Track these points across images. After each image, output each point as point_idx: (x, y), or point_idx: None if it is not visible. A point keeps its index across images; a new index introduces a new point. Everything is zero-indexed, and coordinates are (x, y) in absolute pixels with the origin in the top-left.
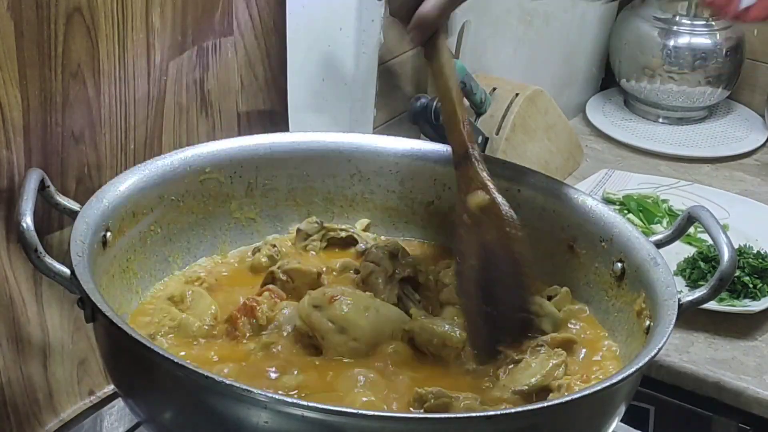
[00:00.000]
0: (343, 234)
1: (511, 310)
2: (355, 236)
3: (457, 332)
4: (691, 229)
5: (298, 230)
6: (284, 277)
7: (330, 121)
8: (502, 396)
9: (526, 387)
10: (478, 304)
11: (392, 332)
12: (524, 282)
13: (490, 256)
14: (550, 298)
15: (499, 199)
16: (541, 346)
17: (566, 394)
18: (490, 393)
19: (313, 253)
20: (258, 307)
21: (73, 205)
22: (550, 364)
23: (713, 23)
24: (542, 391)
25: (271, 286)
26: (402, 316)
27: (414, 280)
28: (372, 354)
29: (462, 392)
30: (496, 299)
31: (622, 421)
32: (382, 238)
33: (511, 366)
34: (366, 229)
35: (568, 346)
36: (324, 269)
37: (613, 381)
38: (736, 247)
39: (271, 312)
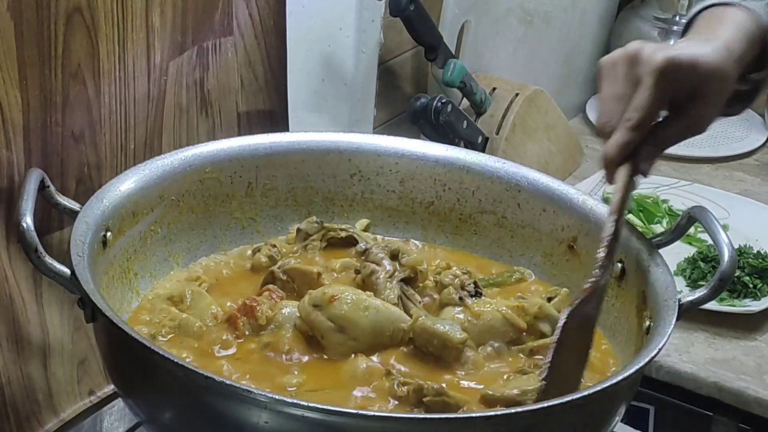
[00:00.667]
0: (343, 234)
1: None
2: (355, 236)
3: (457, 333)
4: (691, 229)
5: (298, 230)
6: (284, 277)
7: (330, 121)
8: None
9: (493, 393)
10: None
11: (392, 332)
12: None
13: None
14: (550, 300)
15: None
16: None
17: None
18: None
19: (316, 255)
20: (258, 307)
21: (73, 205)
22: (533, 386)
23: None
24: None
25: (270, 286)
26: (402, 316)
27: (414, 281)
28: (372, 354)
29: (460, 393)
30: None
31: (622, 421)
32: (384, 238)
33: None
34: (366, 229)
35: None
36: (324, 269)
37: (613, 381)
38: (736, 247)
39: (271, 312)
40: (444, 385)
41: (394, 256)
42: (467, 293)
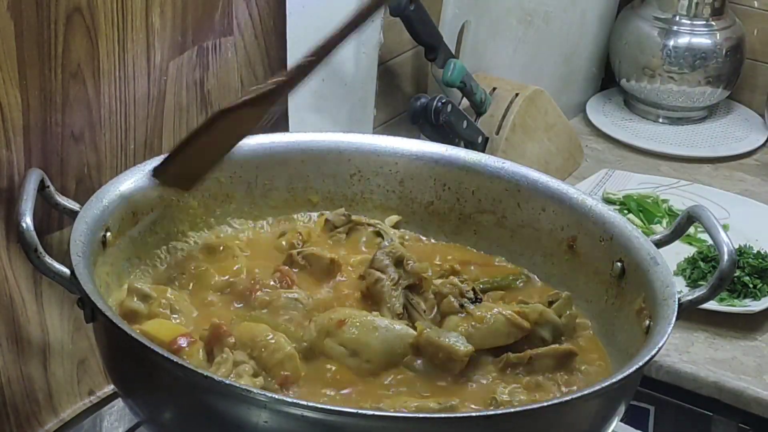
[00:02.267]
0: (371, 229)
1: None
2: (382, 232)
3: (462, 345)
4: (691, 229)
5: (326, 221)
6: (302, 262)
7: (330, 121)
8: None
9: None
10: None
11: (403, 349)
12: None
13: None
14: (551, 304)
15: None
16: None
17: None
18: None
19: (341, 248)
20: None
21: (73, 205)
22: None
23: (713, 23)
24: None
25: (283, 268)
26: (408, 331)
27: (418, 288)
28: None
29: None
30: None
31: (622, 421)
32: (418, 236)
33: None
34: (395, 226)
35: (570, 358)
36: (341, 260)
37: (613, 381)
38: (736, 247)
39: (267, 298)
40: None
41: (399, 262)
42: (467, 300)
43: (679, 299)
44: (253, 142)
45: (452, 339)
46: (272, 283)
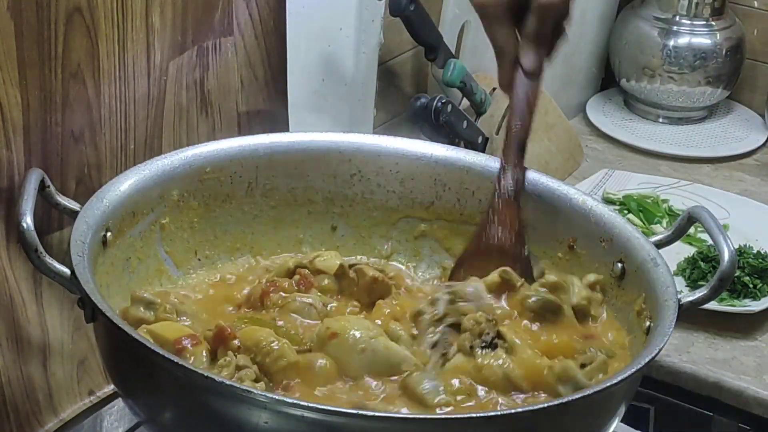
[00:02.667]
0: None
1: None
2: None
3: (436, 399)
4: (691, 229)
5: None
6: (352, 275)
7: (330, 121)
8: None
9: None
10: None
11: (391, 373)
12: None
13: None
14: (583, 366)
15: None
16: None
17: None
18: None
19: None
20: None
21: (73, 205)
22: None
23: (713, 23)
24: None
25: (303, 271)
26: (407, 359)
27: (458, 325)
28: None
29: None
30: None
31: (622, 421)
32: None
33: None
34: (593, 286)
35: None
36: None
37: (613, 381)
38: (736, 247)
39: (280, 301)
40: None
41: (453, 300)
42: (481, 342)
43: (679, 300)
44: (253, 141)
45: (427, 387)
46: (293, 286)
